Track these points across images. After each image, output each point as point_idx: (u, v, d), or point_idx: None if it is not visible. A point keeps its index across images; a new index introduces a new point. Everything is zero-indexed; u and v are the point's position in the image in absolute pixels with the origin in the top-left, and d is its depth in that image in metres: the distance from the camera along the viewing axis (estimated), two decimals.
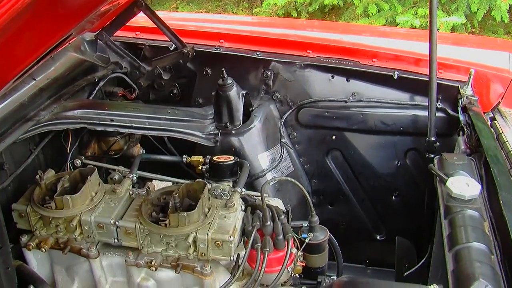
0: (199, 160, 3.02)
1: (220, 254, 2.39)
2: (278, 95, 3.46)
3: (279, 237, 2.44)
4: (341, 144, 3.48)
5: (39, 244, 2.52)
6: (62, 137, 3.01)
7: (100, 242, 2.56)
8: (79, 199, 2.47)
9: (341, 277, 2.55)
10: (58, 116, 2.88)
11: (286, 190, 3.28)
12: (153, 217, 2.42)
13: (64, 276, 2.64)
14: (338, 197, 3.61)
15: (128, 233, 2.44)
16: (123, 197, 2.58)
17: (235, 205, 2.50)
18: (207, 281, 2.42)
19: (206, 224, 2.39)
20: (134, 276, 2.51)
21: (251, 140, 3.18)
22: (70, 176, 2.60)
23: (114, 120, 2.96)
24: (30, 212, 2.48)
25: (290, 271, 2.53)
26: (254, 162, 3.15)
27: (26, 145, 2.85)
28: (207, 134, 3.08)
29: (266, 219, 2.47)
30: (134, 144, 3.29)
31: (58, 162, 2.98)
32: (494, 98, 3.36)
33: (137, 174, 2.82)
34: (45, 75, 2.92)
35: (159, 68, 3.51)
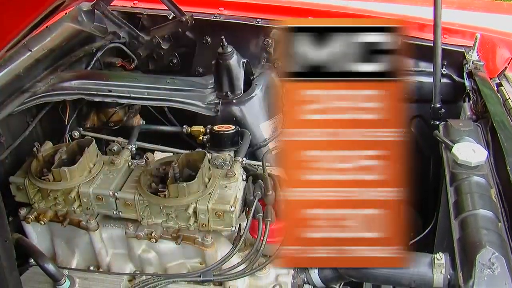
0: (200, 130, 2.97)
1: (221, 225, 2.35)
2: (279, 63, 3.38)
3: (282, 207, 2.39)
4: None
5: (38, 217, 2.49)
6: (60, 109, 2.96)
7: (99, 214, 2.52)
8: (77, 170, 2.43)
9: None
10: (55, 87, 2.85)
11: None
12: (152, 188, 2.37)
13: (64, 249, 2.61)
14: None
15: (128, 204, 2.40)
16: (122, 168, 2.54)
17: (236, 175, 2.46)
18: (208, 252, 2.39)
19: (206, 195, 2.35)
20: (135, 248, 2.48)
21: (252, 109, 3.12)
22: (67, 147, 2.55)
23: (112, 91, 2.92)
24: (28, 184, 2.44)
25: None
26: (256, 132, 3.09)
27: (23, 118, 2.81)
28: (208, 104, 3.02)
29: (268, 189, 2.42)
30: (134, 115, 3.24)
31: (56, 134, 2.94)
32: (500, 63, 3.31)
33: (136, 145, 2.78)
34: (41, 46, 2.88)
35: (158, 38, 3.47)
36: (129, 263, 2.54)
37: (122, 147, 2.72)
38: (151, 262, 2.48)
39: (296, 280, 2.39)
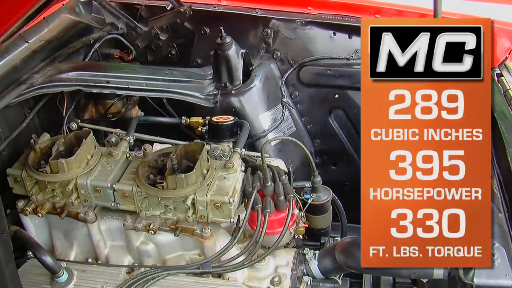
0: (199, 121, 2.95)
1: (220, 216, 2.34)
2: (278, 54, 3.37)
3: (280, 198, 2.38)
4: (344, 102, 3.39)
5: (36, 209, 2.48)
6: (57, 100, 2.94)
7: (97, 206, 2.51)
8: (75, 162, 2.42)
9: (344, 238, 2.50)
10: (52, 79, 2.83)
11: (288, 150, 3.21)
12: (150, 180, 2.36)
13: (62, 241, 2.59)
14: (342, 157, 3.54)
15: (126, 196, 2.38)
16: (119, 159, 2.53)
17: (234, 166, 2.45)
18: (207, 244, 2.37)
19: (204, 186, 2.33)
20: (133, 240, 2.46)
21: (251, 100, 3.11)
22: (65, 139, 2.54)
23: (110, 82, 2.90)
24: (25, 176, 2.43)
25: (292, 232, 2.47)
26: (255, 123, 3.09)
27: (21, 109, 2.79)
28: (207, 95, 3.01)
29: (267, 180, 2.41)
30: (132, 107, 3.23)
31: (54, 126, 2.92)
32: (501, 53, 3.27)
33: (134, 136, 2.76)
34: (38, 37, 2.86)
35: (156, 28, 3.45)
36: (127, 255, 2.53)
37: (120, 139, 2.71)
38: (150, 254, 2.47)
39: (296, 271, 2.38)
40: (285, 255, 2.45)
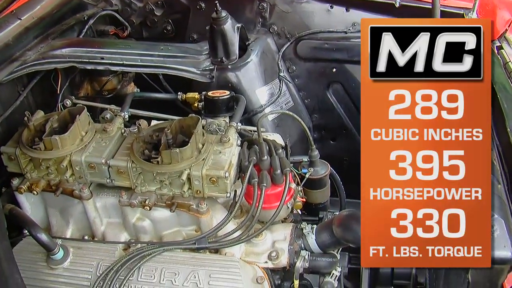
0: (195, 96, 2.92)
1: (216, 191, 2.32)
2: (275, 28, 3.33)
3: (277, 172, 2.35)
4: (342, 76, 3.36)
5: (31, 186, 2.45)
6: (52, 78, 2.92)
7: (93, 183, 2.49)
8: (69, 139, 2.39)
9: (342, 211, 2.49)
10: (46, 56, 2.80)
11: (286, 126, 3.19)
12: (145, 155, 2.34)
13: (58, 219, 2.57)
14: (340, 132, 3.51)
15: (120, 172, 2.36)
16: (114, 136, 2.50)
17: (230, 140, 2.42)
18: (203, 219, 2.35)
19: (200, 160, 2.31)
20: (129, 217, 2.44)
21: (248, 74, 3.08)
22: (59, 116, 2.51)
23: (105, 58, 2.87)
24: (19, 154, 2.41)
25: (289, 207, 2.45)
26: (252, 97, 3.06)
27: (14, 87, 2.77)
28: (203, 70, 2.97)
29: (263, 154, 2.38)
30: (128, 83, 3.20)
31: (49, 104, 2.90)
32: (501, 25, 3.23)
33: (129, 112, 2.72)
34: (30, 14, 2.84)
35: (151, 4, 3.43)
36: (124, 232, 2.51)
37: (115, 115, 2.67)
38: (146, 231, 2.45)
39: (293, 246, 2.36)
40: (282, 229, 2.43)
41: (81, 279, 2.27)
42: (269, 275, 2.34)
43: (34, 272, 2.30)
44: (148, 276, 2.24)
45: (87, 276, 2.27)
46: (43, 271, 2.31)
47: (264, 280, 2.27)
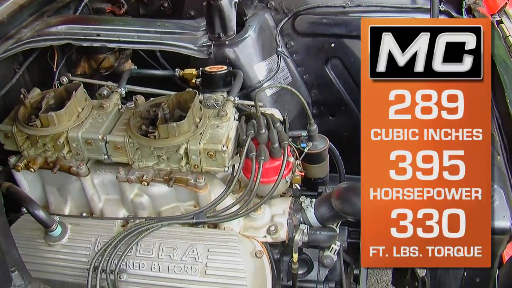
0: (193, 73, 2.89)
1: (214, 165, 2.31)
2: (272, 3, 3.31)
3: (275, 145, 2.34)
4: (341, 51, 3.34)
5: (28, 164, 2.44)
6: (48, 55, 2.89)
7: (90, 160, 2.48)
8: (65, 115, 2.37)
9: (341, 183, 2.47)
10: (41, 33, 2.77)
11: (284, 101, 3.17)
12: (142, 131, 2.32)
13: (56, 196, 2.56)
14: (340, 107, 3.50)
15: (118, 147, 2.35)
16: (111, 112, 2.48)
17: (227, 114, 2.40)
18: (201, 194, 2.34)
19: (197, 135, 2.30)
20: (127, 193, 2.43)
21: (246, 50, 3.07)
22: (55, 93, 2.49)
23: (101, 35, 2.85)
24: (16, 132, 2.39)
25: (288, 181, 2.44)
26: (250, 73, 3.05)
27: (10, 65, 2.75)
28: (200, 46, 2.96)
29: (261, 127, 2.36)
30: (125, 61, 3.19)
31: (45, 82, 2.87)
32: None
33: (126, 88, 2.70)
34: None
35: None
36: (122, 208, 2.50)
37: (112, 91, 2.65)
38: (144, 206, 2.44)
39: (292, 220, 2.35)
40: (281, 204, 2.42)
41: (79, 255, 2.26)
42: (268, 250, 2.33)
43: (32, 249, 2.29)
44: (147, 251, 2.23)
45: (85, 252, 2.26)
46: (41, 248, 2.30)
47: (263, 254, 2.27)
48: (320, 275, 2.50)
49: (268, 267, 2.28)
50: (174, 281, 2.19)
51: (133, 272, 2.21)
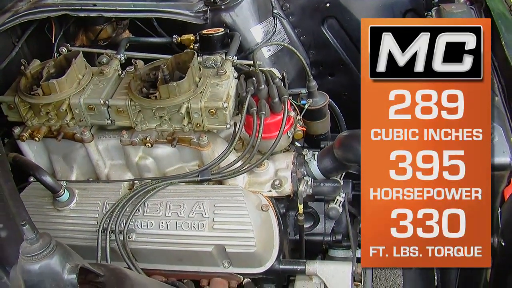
0: (190, 38, 2.91)
1: (216, 123, 2.33)
2: None
3: (275, 100, 2.35)
4: (336, 10, 3.34)
5: (32, 134, 2.46)
6: (46, 28, 2.91)
7: (94, 127, 2.50)
8: (66, 82, 2.40)
9: (342, 132, 2.49)
10: (37, 5, 2.80)
11: (283, 63, 3.19)
12: (143, 93, 2.34)
13: (62, 165, 2.59)
14: (338, 67, 3.51)
15: (120, 111, 2.37)
16: (111, 77, 2.50)
17: (227, 73, 2.42)
18: (205, 153, 2.37)
19: (198, 94, 2.32)
20: (132, 156, 2.46)
21: (242, 13, 3.07)
22: (55, 62, 2.52)
23: (97, 5, 2.87)
24: (18, 102, 2.41)
25: (290, 136, 2.46)
26: (247, 36, 3.06)
27: (8, 39, 2.77)
28: (196, 12, 2.97)
29: (260, 83, 2.38)
30: (123, 31, 3.19)
31: (44, 55, 2.87)
32: None
33: (125, 54, 2.72)
34: None
35: None
36: (127, 172, 2.52)
37: (111, 58, 2.67)
38: (149, 169, 2.46)
39: (296, 173, 2.38)
40: (284, 158, 2.45)
41: (88, 218, 2.29)
42: (274, 204, 2.36)
43: (41, 215, 2.32)
44: (154, 210, 2.26)
45: (93, 215, 2.29)
46: (50, 213, 2.33)
47: (269, 207, 2.29)
48: (326, 227, 2.53)
49: (275, 220, 2.31)
50: (182, 238, 2.21)
51: (141, 231, 2.24)
